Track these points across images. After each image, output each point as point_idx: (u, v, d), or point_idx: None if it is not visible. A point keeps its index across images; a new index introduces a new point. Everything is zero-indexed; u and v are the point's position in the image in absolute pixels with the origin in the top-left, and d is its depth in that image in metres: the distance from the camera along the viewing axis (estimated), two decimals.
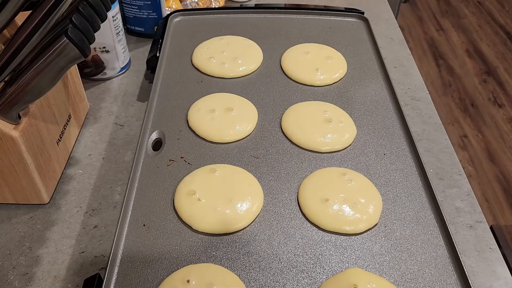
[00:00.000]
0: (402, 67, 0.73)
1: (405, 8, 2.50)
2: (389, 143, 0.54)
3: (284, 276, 0.41)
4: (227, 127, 0.55)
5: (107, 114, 0.64)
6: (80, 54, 0.39)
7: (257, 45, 0.69)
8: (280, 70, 0.65)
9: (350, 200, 0.47)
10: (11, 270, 0.45)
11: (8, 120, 0.43)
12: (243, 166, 0.51)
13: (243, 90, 0.62)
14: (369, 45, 0.70)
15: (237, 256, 0.43)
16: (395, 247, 0.44)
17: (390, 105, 0.60)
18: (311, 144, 0.53)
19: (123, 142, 0.59)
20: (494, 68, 2.11)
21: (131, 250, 0.43)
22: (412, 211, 0.47)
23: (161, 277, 0.41)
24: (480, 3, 2.58)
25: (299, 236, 0.45)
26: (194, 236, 0.45)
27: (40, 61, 0.40)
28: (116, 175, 0.55)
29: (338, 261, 0.43)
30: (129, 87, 0.69)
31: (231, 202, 0.46)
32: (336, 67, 0.65)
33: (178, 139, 0.54)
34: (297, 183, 0.49)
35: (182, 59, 0.67)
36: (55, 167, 0.52)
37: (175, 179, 0.50)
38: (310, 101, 0.60)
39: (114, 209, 0.51)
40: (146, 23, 0.76)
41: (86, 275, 0.44)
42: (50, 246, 0.47)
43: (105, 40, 0.65)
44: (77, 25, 0.38)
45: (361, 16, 0.75)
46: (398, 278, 0.41)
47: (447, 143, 0.60)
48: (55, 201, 0.52)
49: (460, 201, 0.52)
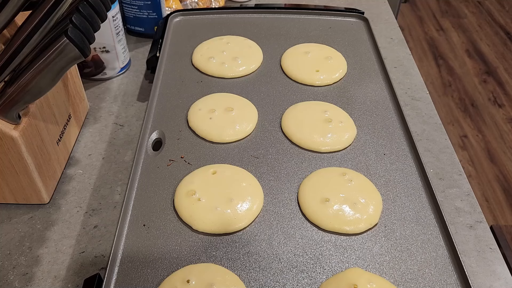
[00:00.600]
0: (402, 67, 0.73)
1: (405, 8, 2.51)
2: (389, 143, 0.55)
3: (284, 276, 0.41)
4: (227, 127, 0.55)
5: (107, 114, 0.64)
6: (80, 54, 0.39)
7: (257, 45, 0.69)
8: (280, 70, 0.65)
9: (350, 200, 0.47)
10: (11, 270, 0.45)
11: (8, 120, 0.43)
12: (243, 166, 0.51)
13: (243, 90, 0.62)
14: (369, 45, 0.70)
15: (237, 256, 0.43)
16: (395, 247, 0.44)
17: (390, 105, 0.60)
18: (311, 144, 0.53)
19: (123, 142, 0.59)
20: (494, 68, 2.11)
21: (131, 250, 0.43)
22: (412, 211, 0.47)
23: (161, 277, 0.41)
24: (480, 3, 2.58)
25: (299, 236, 0.45)
26: (194, 236, 0.45)
27: (40, 61, 0.40)
28: (116, 175, 0.55)
29: (338, 261, 0.43)
30: (129, 87, 0.69)
31: (231, 202, 0.46)
32: (336, 67, 0.65)
33: (178, 139, 0.54)
34: (297, 183, 0.49)
35: (182, 59, 0.67)
36: (55, 167, 0.52)
37: (175, 179, 0.50)
38: (310, 101, 0.60)
39: (114, 209, 0.51)
40: (146, 23, 0.76)
41: (86, 275, 0.44)
42: (50, 246, 0.47)
43: (105, 40, 0.65)
44: (77, 25, 0.38)
45: (361, 16, 0.75)
46: (398, 278, 0.41)
47: (447, 143, 0.60)
48: (55, 201, 0.52)
49: (460, 201, 0.52)
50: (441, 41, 2.28)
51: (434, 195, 0.48)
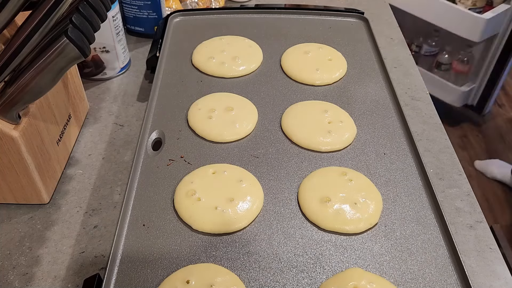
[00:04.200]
0: (402, 67, 0.73)
1: None
2: (389, 142, 0.54)
3: (284, 276, 0.41)
4: (227, 126, 0.55)
5: (107, 114, 0.64)
6: (80, 54, 0.39)
7: (257, 45, 0.69)
8: (280, 70, 0.65)
9: (350, 199, 0.47)
10: (11, 270, 0.45)
11: (8, 120, 0.43)
12: (243, 165, 0.51)
13: (243, 89, 0.62)
14: (369, 45, 0.70)
15: (237, 256, 0.43)
16: (395, 247, 0.44)
17: (390, 105, 0.60)
18: (311, 143, 0.53)
19: (123, 142, 0.59)
20: None
21: (130, 250, 0.43)
22: (412, 211, 0.47)
23: (161, 277, 0.41)
24: None
25: (299, 236, 0.45)
26: (194, 236, 0.45)
27: (40, 61, 0.40)
28: (116, 175, 0.55)
29: (338, 261, 0.43)
30: (129, 87, 0.69)
31: (231, 202, 0.46)
32: (336, 67, 0.65)
33: (178, 139, 0.54)
34: (297, 183, 0.49)
35: (182, 59, 0.67)
36: (55, 167, 0.52)
37: (175, 179, 0.50)
38: (310, 100, 0.60)
39: (114, 209, 0.51)
40: (146, 23, 0.76)
41: (86, 275, 0.44)
42: (50, 246, 0.47)
43: (105, 40, 0.65)
44: (77, 25, 0.38)
45: (361, 16, 0.75)
46: (398, 278, 0.41)
47: (447, 143, 0.60)
48: (55, 201, 0.52)
49: (460, 201, 0.52)
50: None
51: (435, 195, 0.48)
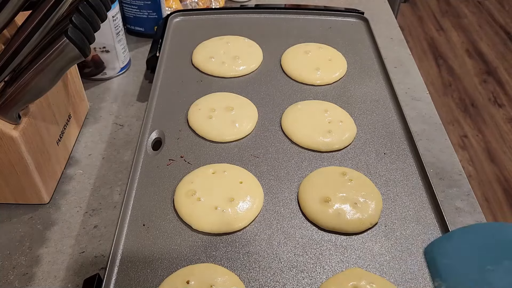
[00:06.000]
0: (402, 67, 0.73)
1: (405, 8, 2.50)
2: (389, 142, 0.54)
3: (284, 276, 0.41)
4: (227, 126, 0.55)
5: (107, 114, 0.64)
6: (80, 54, 0.39)
7: (257, 44, 0.69)
8: (280, 70, 0.65)
9: (350, 199, 0.47)
10: (11, 270, 0.45)
11: (8, 120, 0.43)
12: (243, 165, 0.51)
13: (243, 89, 0.62)
14: (369, 45, 0.70)
15: (237, 256, 0.43)
16: (395, 247, 0.44)
17: (390, 105, 0.60)
18: (311, 143, 0.53)
19: (123, 142, 0.59)
20: (494, 68, 2.11)
21: (131, 250, 0.43)
22: (412, 210, 0.47)
23: (161, 277, 0.41)
24: (480, 3, 2.58)
25: (299, 236, 0.45)
26: (194, 236, 0.45)
27: (40, 61, 0.40)
28: (116, 175, 0.55)
29: (338, 261, 0.43)
30: (129, 87, 0.69)
31: (231, 201, 0.46)
32: (336, 66, 0.65)
33: (178, 139, 0.54)
34: (297, 183, 0.49)
35: (182, 59, 0.67)
36: (55, 167, 0.52)
37: (175, 178, 0.50)
38: (310, 100, 0.60)
39: (114, 209, 0.51)
40: (146, 23, 0.76)
41: (86, 275, 0.44)
42: (50, 246, 0.47)
43: (105, 40, 0.65)
44: (77, 25, 0.38)
45: (361, 16, 0.75)
46: (398, 278, 0.41)
47: (447, 143, 0.60)
48: (55, 201, 0.52)
49: (460, 201, 0.52)
50: (441, 41, 2.28)
51: (435, 195, 0.48)
